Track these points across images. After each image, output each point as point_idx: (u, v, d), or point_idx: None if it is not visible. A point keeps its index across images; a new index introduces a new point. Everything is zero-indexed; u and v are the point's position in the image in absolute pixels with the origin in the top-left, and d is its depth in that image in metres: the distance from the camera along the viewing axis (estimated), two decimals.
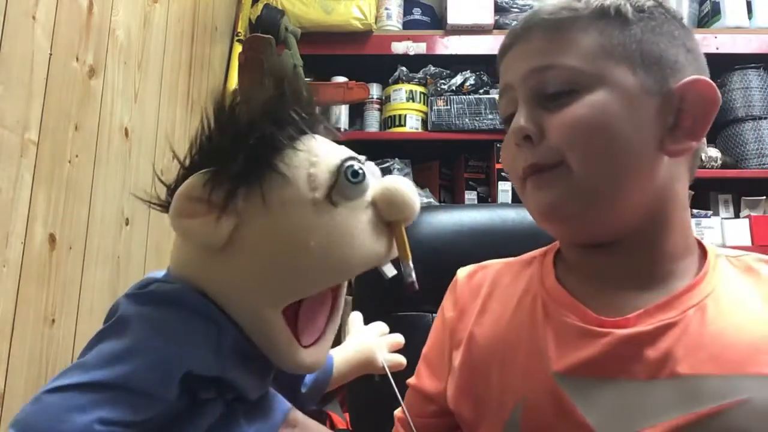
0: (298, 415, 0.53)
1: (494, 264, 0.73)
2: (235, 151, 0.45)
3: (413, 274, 0.50)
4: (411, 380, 0.74)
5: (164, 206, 0.49)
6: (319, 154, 0.48)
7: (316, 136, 0.50)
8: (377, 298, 0.94)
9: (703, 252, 0.62)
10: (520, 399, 0.59)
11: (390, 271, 0.51)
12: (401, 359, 0.70)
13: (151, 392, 0.41)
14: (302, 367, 0.49)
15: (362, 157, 0.51)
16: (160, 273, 0.51)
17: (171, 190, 0.48)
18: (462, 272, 0.74)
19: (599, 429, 0.54)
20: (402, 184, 0.49)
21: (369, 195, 0.49)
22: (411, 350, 0.72)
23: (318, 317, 0.51)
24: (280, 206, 0.46)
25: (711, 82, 0.59)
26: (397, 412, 0.74)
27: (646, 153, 0.58)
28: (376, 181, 0.50)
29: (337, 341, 0.60)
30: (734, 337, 0.54)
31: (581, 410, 0.55)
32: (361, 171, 0.48)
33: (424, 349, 0.73)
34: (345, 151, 0.50)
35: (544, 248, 0.70)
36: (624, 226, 0.59)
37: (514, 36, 0.64)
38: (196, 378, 0.43)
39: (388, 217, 0.49)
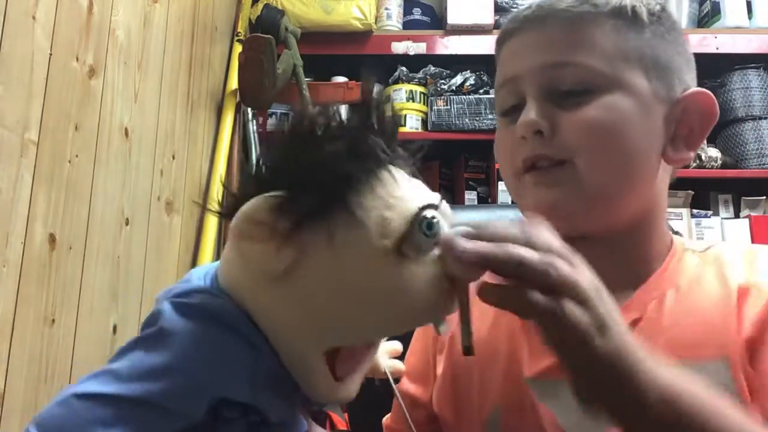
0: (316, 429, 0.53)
1: None
2: (310, 183, 0.42)
3: (470, 339, 0.43)
4: (398, 386, 0.73)
5: (223, 213, 0.45)
6: (398, 196, 0.43)
7: (396, 171, 0.46)
8: None
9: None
10: (498, 403, 0.59)
11: (445, 329, 0.46)
12: (401, 365, 0.70)
13: (179, 413, 0.40)
14: (334, 400, 0.48)
15: (437, 198, 0.46)
16: (204, 271, 0.49)
17: (233, 195, 0.44)
18: None
19: (570, 429, 0.55)
20: None
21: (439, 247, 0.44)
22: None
23: (359, 353, 0.49)
24: (345, 248, 0.42)
25: (713, 96, 0.60)
26: (385, 420, 0.74)
27: (651, 159, 0.58)
28: (449, 229, 0.44)
29: None
30: (689, 324, 0.55)
31: (554, 411, 0.55)
32: (436, 222, 0.43)
33: (408, 356, 0.72)
34: (424, 195, 0.45)
35: None
36: (615, 226, 0.60)
37: (519, 22, 0.61)
38: (226, 400, 0.42)
39: (455, 273, 0.44)
